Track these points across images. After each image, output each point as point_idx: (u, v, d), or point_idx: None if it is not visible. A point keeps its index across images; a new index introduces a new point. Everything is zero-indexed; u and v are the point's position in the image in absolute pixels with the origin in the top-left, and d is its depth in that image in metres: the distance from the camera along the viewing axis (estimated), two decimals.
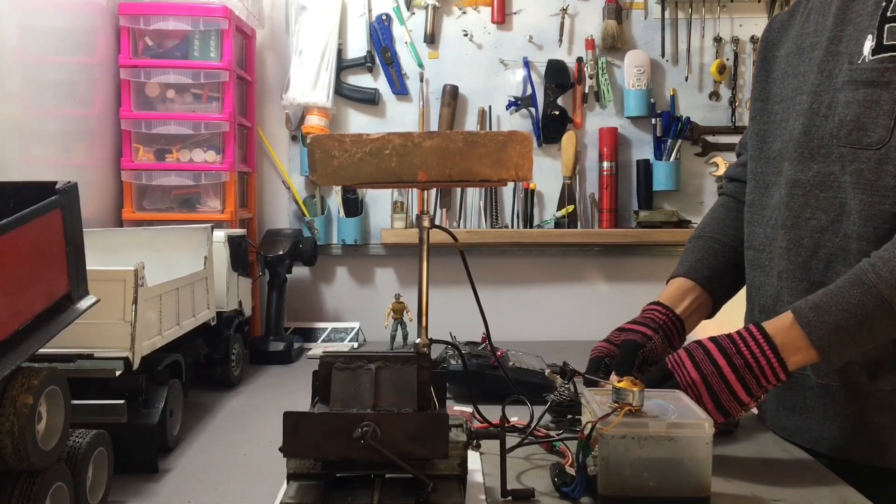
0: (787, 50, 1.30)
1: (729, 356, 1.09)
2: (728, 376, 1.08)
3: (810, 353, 1.06)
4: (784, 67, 1.29)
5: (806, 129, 1.19)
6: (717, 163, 2.30)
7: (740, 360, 1.08)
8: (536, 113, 2.28)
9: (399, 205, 2.27)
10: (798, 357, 1.07)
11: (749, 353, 1.08)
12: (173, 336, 1.34)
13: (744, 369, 1.08)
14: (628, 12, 2.30)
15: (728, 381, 1.08)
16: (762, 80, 1.34)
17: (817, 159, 1.18)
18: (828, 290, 1.08)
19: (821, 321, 1.06)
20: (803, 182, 1.19)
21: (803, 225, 1.19)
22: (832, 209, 1.16)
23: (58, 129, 1.77)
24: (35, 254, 0.88)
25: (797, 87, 1.24)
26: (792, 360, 1.07)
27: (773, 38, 1.34)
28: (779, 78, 1.30)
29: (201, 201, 2.04)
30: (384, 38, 2.28)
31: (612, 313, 2.33)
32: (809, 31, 1.25)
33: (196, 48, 1.99)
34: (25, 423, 0.81)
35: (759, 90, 1.35)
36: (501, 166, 0.93)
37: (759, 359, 1.08)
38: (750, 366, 1.08)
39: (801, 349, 1.07)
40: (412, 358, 0.92)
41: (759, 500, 1.01)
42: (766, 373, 1.07)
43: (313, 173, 0.96)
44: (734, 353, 1.09)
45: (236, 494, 1.10)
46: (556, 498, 1.01)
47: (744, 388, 1.08)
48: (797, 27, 1.29)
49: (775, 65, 1.32)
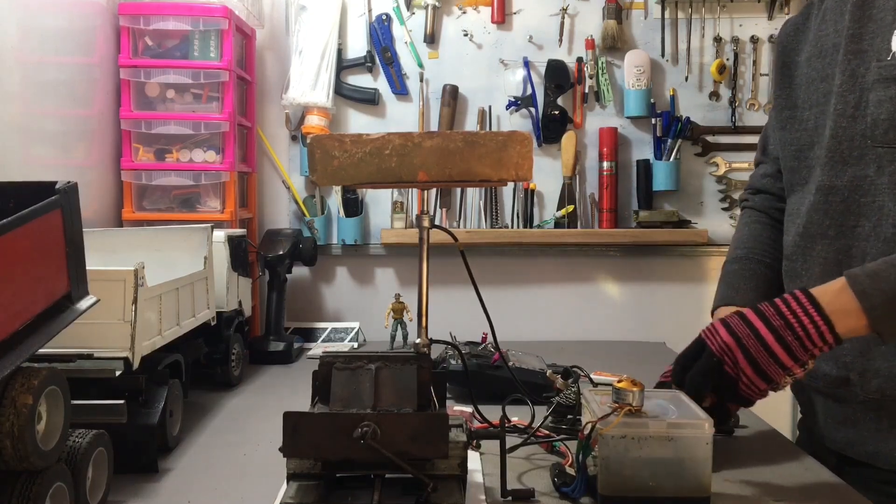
0: (807, 54, 1.25)
1: (767, 318, 1.02)
2: (766, 337, 1.01)
3: (861, 319, 0.99)
4: (808, 72, 1.24)
5: (833, 133, 1.15)
6: (717, 163, 2.30)
7: (780, 321, 1.01)
8: (536, 113, 2.28)
9: (399, 205, 2.27)
10: (847, 322, 1.00)
11: (790, 312, 1.01)
12: (173, 336, 1.34)
13: (784, 329, 1.01)
14: (628, 12, 2.30)
15: (766, 343, 1.01)
16: (785, 87, 1.29)
17: (850, 163, 1.13)
18: (887, 259, 1.02)
19: (877, 289, 0.99)
20: (840, 188, 1.14)
21: (848, 233, 1.14)
22: (872, 214, 1.11)
23: (58, 129, 1.76)
24: (35, 254, 0.88)
25: (827, 91, 1.19)
26: (840, 324, 1.00)
27: (790, 43, 1.30)
28: (803, 83, 1.25)
29: (201, 201, 2.04)
30: (384, 38, 2.28)
31: (612, 313, 2.35)
32: (829, 32, 1.20)
33: (196, 48, 1.99)
34: (25, 423, 0.81)
35: (783, 98, 1.29)
36: (501, 166, 0.93)
37: (801, 318, 1.00)
38: (791, 325, 1.01)
39: (850, 314, 0.99)
40: (412, 358, 0.92)
41: (760, 500, 1.01)
42: (811, 333, 1.00)
43: (313, 173, 0.96)
44: (773, 314, 1.02)
45: (236, 494, 1.10)
46: (556, 498, 1.01)
47: (784, 349, 1.01)
48: (814, 29, 1.24)
49: (797, 70, 1.27)
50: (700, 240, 2.26)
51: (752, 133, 2.29)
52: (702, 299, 2.29)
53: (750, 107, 2.30)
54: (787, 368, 1.02)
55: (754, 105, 2.30)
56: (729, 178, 2.30)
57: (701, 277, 2.32)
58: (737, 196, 2.30)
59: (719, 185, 2.31)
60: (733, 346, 1.03)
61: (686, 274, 2.33)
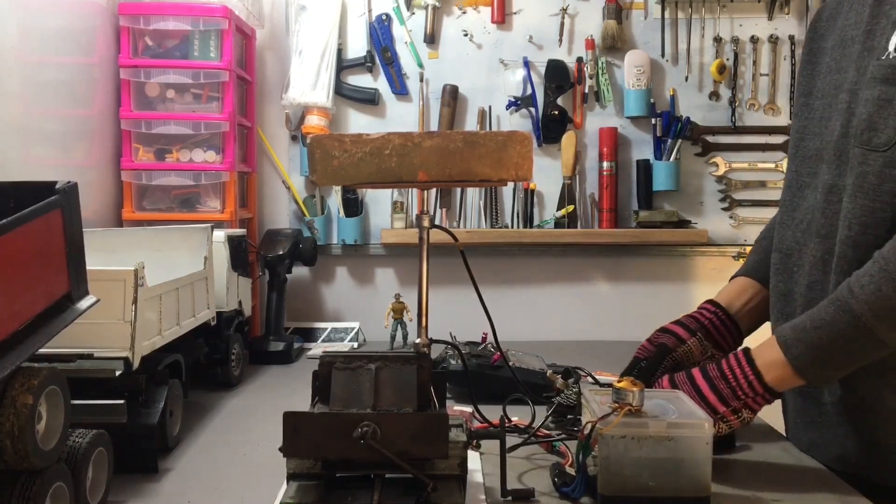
0: (832, 42, 1.22)
1: (706, 371, 1.12)
2: (701, 386, 1.10)
3: (787, 369, 1.06)
4: (829, 62, 1.21)
5: (843, 131, 1.13)
6: (717, 163, 2.30)
7: (716, 373, 1.10)
8: (536, 113, 2.28)
9: (399, 205, 2.27)
10: (775, 372, 1.07)
11: (728, 367, 1.10)
12: (173, 336, 1.34)
13: (718, 380, 1.10)
14: (628, 12, 2.30)
15: (700, 389, 1.10)
16: (808, 74, 1.27)
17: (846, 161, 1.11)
18: (810, 312, 1.07)
19: (797, 339, 1.06)
20: (840, 188, 1.12)
21: (832, 235, 1.13)
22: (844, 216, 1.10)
23: (58, 129, 1.76)
24: (35, 254, 0.88)
25: (838, 83, 1.17)
26: (769, 375, 1.07)
27: (822, 28, 1.26)
28: (823, 72, 1.22)
29: (201, 201, 2.04)
30: (384, 38, 2.28)
31: (611, 313, 2.35)
32: (851, 23, 1.17)
33: (196, 48, 1.99)
34: (25, 423, 0.81)
35: (804, 84, 1.27)
36: (501, 166, 0.93)
37: (735, 371, 1.09)
38: (725, 377, 1.09)
39: (777, 365, 1.07)
40: (412, 358, 0.92)
41: (759, 500, 1.01)
42: (742, 384, 1.08)
43: (313, 173, 0.96)
44: (712, 368, 1.11)
45: (236, 494, 1.10)
46: (556, 498, 1.01)
47: (716, 395, 1.09)
48: (843, 17, 1.20)
49: (821, 57, 1.24)
50: (700, 240, 2.26)
51: (752, 133, 2.29)
52: (702, 299, 2.27)
53: (750, 107, 2.30)
54: (718, 414, 1.09)
55: (754, 105, 2.29)
56: (729, 178, 2.30)
57: (701, 277, 2.31)
58: (737, 196, 2.30)
59: (719, 185, 2.31)
60: None
61: (686, 274, 2.32)
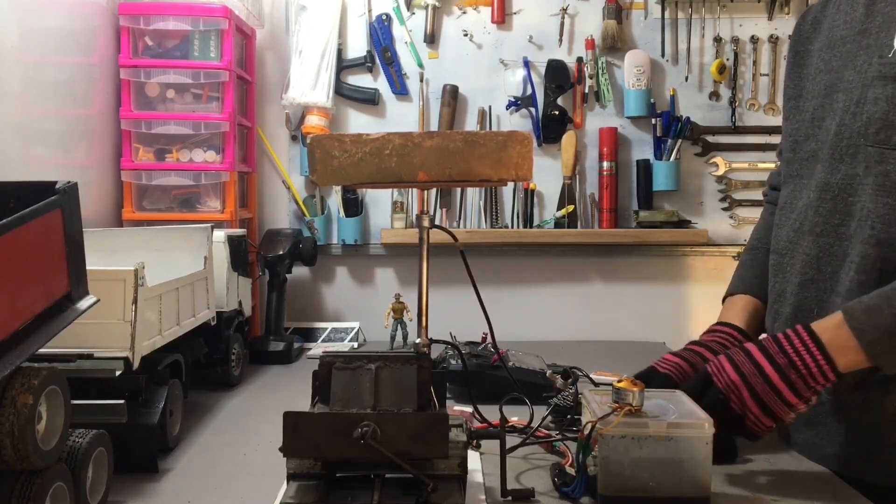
0: (820, 44, 1.23)
1: (771, 356, 1.03)
2: (771, 376, 1.02)
3: (860, 355, 1.01)
4: (817, 63, 1.22)
5: (838, 130, 1.13)
6: (717, 163, 2.30)
7: (784, 360, 1.02)
8: (536, 113, 2.28)
9: (399, 205, 2.27)
10: (847, 358, 1.01)
11: (794, 351, 1.03)
12: (173, 336, 1.34)
13: (788, 368, 1.02)
14: (628, 12, 2.30)
15: (771, 381, 1.02)
16: (795, 77, 1.28)
17: (845, 160, 1.12)
18: (882, 292, 1.02)
19: (872, 325, 1.00)
20: (832, 185, 1.13)
21: (832, 232, 1.13)
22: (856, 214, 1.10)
23: (58, 129, 1.76)
24: (35, 254, 0.88)
25: (831, 83, 1.17)
26: (841, 361, 1.01)
27: (807, 32, 1.27)
28: (812, 74, 1.23)
29: (201, 201, 2.04)
30: (384, 38, 2.28)
31: (611, 313, 2.35)
32: (840, 24, 1.18)
33: (196, 48, 1.99)
34: (25, 423, 0.81)
35: (792, 87, 1.28)
36: (501, 166, 0.93)
37: (804, 356, 1.02)
38: (794, 364, 1.02)
39: (850, 350, 1.01)
40: (412, 358, 0.92)
41: (759, 500, 1.01)
42: (814, 372, 1.01)
43: (313, 173, 0.96)
44: (777, 352, 1.03)
45: (236, 494, 1.10)
46: (556, 498, 1.01)
47: (789, 387, 1.02)
48: (829, 19, 1.22)
49: (808, 59, 1.25)
50: (700, 240, 2.26)
51: (752, 133, 2.29)
52: (702, 299, 2.30)
53: (750, 107, 2.30)
54: (791, 406, 1.03)
55: (754, 105, 2.29)
56: (729, 178, 2.30)
57: (701, 277, 2.31)
58: (737, 196, 2.30)
59: (719, 185, 2.31)
60: (739, 385, 1.04)
61: (686, 274, 2.32)
